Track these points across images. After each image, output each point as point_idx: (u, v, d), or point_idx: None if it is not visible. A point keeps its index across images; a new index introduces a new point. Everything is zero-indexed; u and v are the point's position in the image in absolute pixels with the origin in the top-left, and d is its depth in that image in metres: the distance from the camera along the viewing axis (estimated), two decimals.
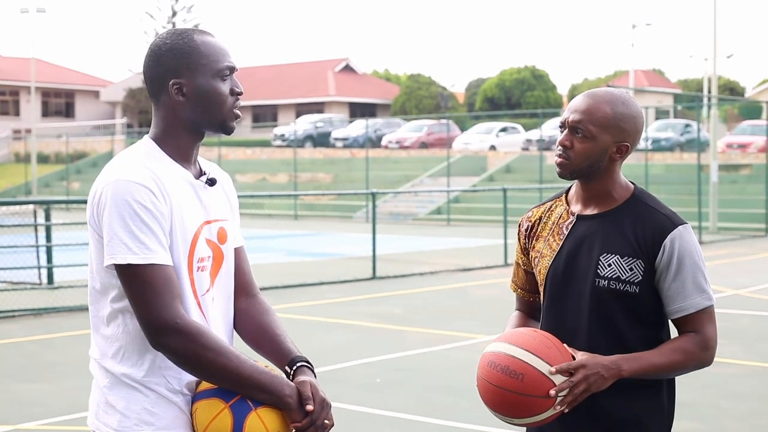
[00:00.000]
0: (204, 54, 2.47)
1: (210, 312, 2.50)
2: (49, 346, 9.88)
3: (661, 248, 2.72)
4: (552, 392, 2.58)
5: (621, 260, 2.74)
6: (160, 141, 2.50)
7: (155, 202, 2.37)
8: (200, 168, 2.57)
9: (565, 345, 2.71)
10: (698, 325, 2.74)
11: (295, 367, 2.50)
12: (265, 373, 2.36)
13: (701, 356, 2.75)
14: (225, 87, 2.49)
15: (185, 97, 2.47)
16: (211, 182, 2.55)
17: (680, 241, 2.73)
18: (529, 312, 3.06)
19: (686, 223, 2.78)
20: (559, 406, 2.61)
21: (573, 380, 2.60)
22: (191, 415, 2.43)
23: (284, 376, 2.43)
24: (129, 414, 2.41)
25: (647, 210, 2.78)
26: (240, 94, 2.52)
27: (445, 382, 8.02)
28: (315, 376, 2.50)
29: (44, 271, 13.94)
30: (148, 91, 2.52)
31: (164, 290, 2.33)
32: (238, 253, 2.67)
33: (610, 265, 2.75)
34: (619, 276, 2.74)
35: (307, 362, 2.52)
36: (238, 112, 2.53)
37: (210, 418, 2.37)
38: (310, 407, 2.37)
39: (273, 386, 2.35)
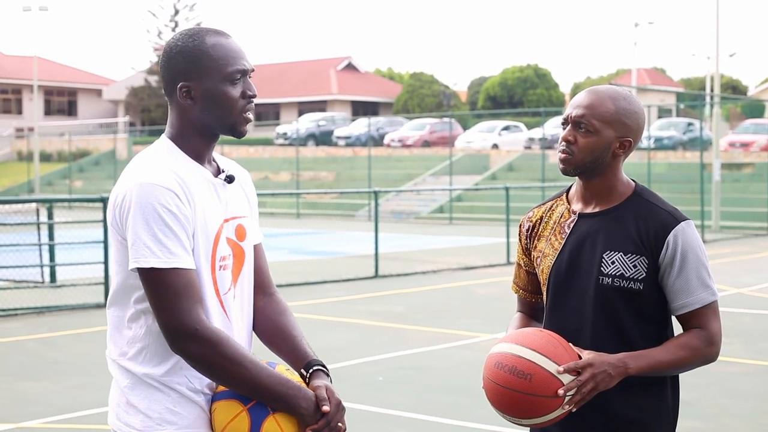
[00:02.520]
0: (213, 57, 2.44)
1: (232, 310, 2.51)
2: (51, 344, 9.89)
3: (665, 244, 2.72)
4: (560, 392, 2.57)
5: (624, 257, 2.74)
6: (177, 140, 2.50)
7: (180, 205, 2.37)
8: (217, 166, 2.57)
9: (570, 344, 2.70)
10: (703, 320, 2.74)
11: (311, 371, 2.51)
12: (283, 383, 2.37)
13: (707, 352, 2.74)
14: (235, 91, 2.46)
15: (193, 101, 2.46)
16: (230, 179, 2.55)
17: (683, 237, 2.72)
18: (530, 313, 3.04)
19: (689, 219, 2.78)
20: (567, 406, 2.60)
21: (581, 379, 2.59)
22: (210, 414, 2.44)
23: (302, 383, 2.43)
24: (151, 414, 2.41)
25: (649, 207, 2.78)
26: (253, 96, 2.49)
27: (447, 381, 8.02)
28: (330, 380, 2.51)
29: (47, 270, 13.96)
30: (164, 89, 2.52)
31: (185, 295, 2.34)
32: (256, 249, 2.66)
33: (613, 263, 2.74)
34: (623, 273, 2.73)
35: (323, 366, 2.53)
36: (249, 116, 2.50)
37: (228, 419, 2.38)
38: (326, 408, 2.38)
39: (288, 398, 2.36)
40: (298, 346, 2.58)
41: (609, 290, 2.74)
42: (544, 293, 2.90)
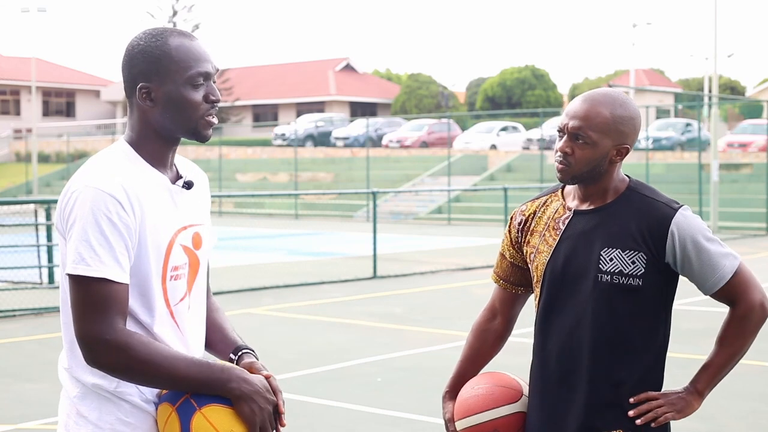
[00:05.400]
0: (175, 59, 2.36)
1: (185, 320, 2.45)
2: (49, 345, 9.89)
3: (668, 236, 2.71)
4: (632, 413, 2.70)
5: (623, 254, 2.72)
6: (136, 145, 2.41)
7: (121, 214, 2.28)
8: (177, 171, 2.49)
9: (499, 373, 2.98)
10: (736, 290, 2.75)
11: (239, 354, 2.51)
12: (204, 369, 2.29)
13: (754, 323, 2.77)
14: (196, 94, 2.38)
15: (153, 103, 2.38)
16: (188, 185, 2.47)
17: (686, 223, 2.72)
18: (501, 308, 3.07)
19: (684, 205, 2.78)
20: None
21: (657, 404, 2.72)
22: None
23: (229, 364, 2.38)
24: (102, 425, 2.35)
25: (645, 201, 2.77)
26: (215, 101, 2.41)
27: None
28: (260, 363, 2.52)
29: (45, 271, 13.97)
30: (124, 90, 2.44)
31: (104, 306, 2.25)
32: None
33: (612, 260, 2.73)
34: (621, 270, 2.72)
35: (251, 350, 2.53)
36: (211, 119, 2.42)
37: (163, 423, 2.34)
38: (266, 373, 2.38)
39: (215, 381, 2.29)
40: (227, 335, 2.58)
41: (608, 287, 2.73)
42: (538, 291, 2.88)
